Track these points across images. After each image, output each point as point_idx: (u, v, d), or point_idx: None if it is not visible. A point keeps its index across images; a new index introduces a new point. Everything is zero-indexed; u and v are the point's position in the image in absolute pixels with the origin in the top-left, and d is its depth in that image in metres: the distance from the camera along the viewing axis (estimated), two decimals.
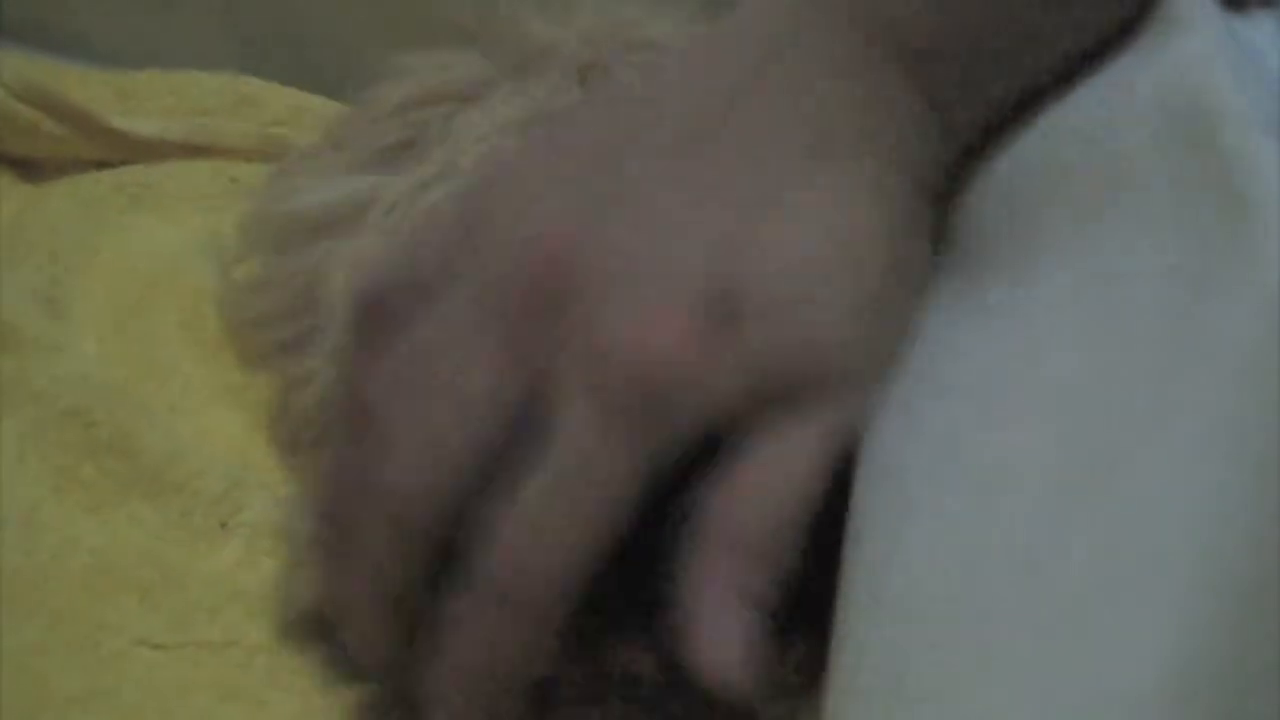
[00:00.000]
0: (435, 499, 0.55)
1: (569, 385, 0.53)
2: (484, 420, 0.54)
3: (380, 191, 0.78)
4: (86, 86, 1.03)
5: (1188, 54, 0.51)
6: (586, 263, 0.53)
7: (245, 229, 0.87)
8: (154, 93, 1.05)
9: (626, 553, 0.55)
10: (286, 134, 1.04)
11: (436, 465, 0.55)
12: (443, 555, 0.57)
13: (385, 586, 0.59)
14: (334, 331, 0.75)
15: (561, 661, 0.57)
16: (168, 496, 0.76)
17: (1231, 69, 0.49)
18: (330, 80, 1.08)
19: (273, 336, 0.82)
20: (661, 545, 0.55)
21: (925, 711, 0.44)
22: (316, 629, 0.70)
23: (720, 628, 0.51)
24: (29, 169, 0.99)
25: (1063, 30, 0.57)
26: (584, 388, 0.52)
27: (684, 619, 0.52)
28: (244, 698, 0.70)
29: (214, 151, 1.01)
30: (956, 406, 0.52)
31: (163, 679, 0.70)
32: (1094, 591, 0.41)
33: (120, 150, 0.99)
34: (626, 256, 0.53)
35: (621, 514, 0.53)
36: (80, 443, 0.77)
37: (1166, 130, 0.50)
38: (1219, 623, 0.39)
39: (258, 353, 0.83)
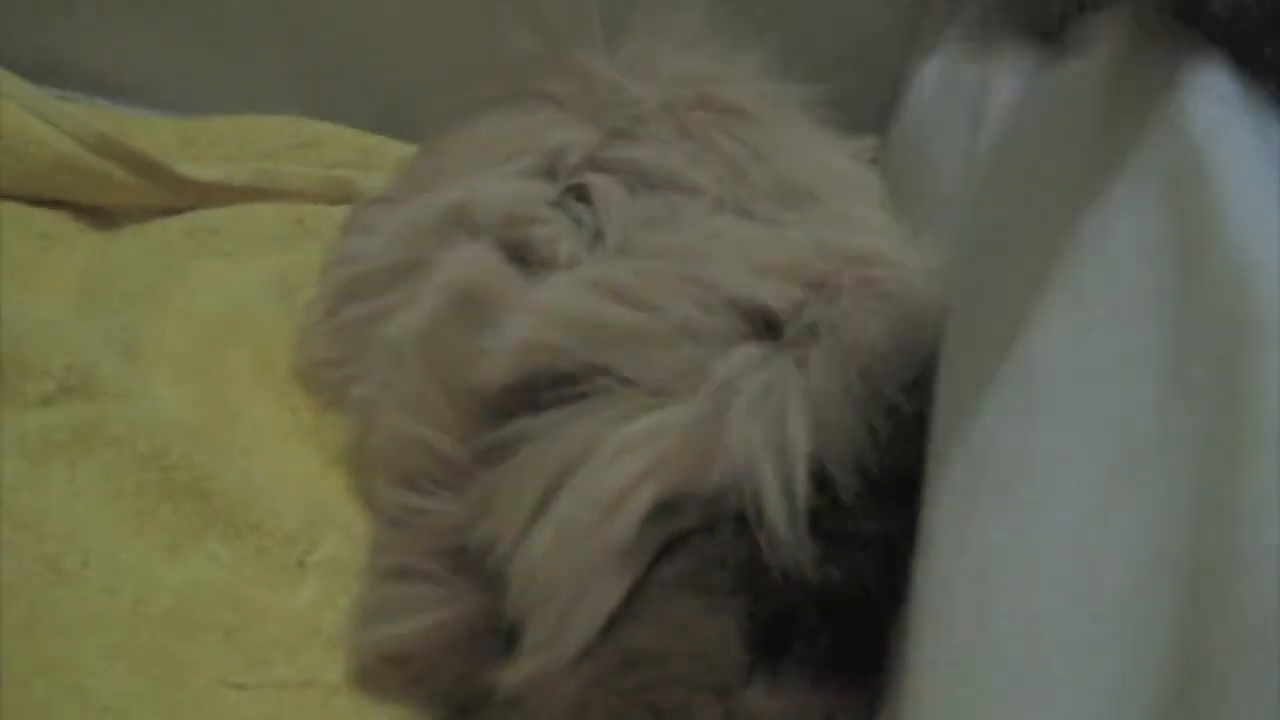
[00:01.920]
0: None
1: None
2: None
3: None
4: (151, 134, 1.05)
5: None
6: None
7: (317, 277, 0.88)
8: (218, 138, 1.07)
9: None
10: (351, 175, 1.06)
11: None
12: None
13: None
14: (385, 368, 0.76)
15: None
16: (244, 536, 0.77)
17: None
18: (394, 121, 1.09)
19: (337, 376, 0.82)
20: None
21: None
22: (394, 669, 0.70)
23: None
24: (99, 216, 1.01)
25: None
26: None
27: None
28: None
29: (279, 194, 1.03)
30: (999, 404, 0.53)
31: (245, 718, 0.70)
32: (1128, 592, 0.42)
33: (187, 196, 1.01)
34: None
35: None
36: (157, 485, 0.78)
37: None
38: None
39: (325, 392, 0.84)
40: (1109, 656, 0.41)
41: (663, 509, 0.59)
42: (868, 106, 1.02)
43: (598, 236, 0.73)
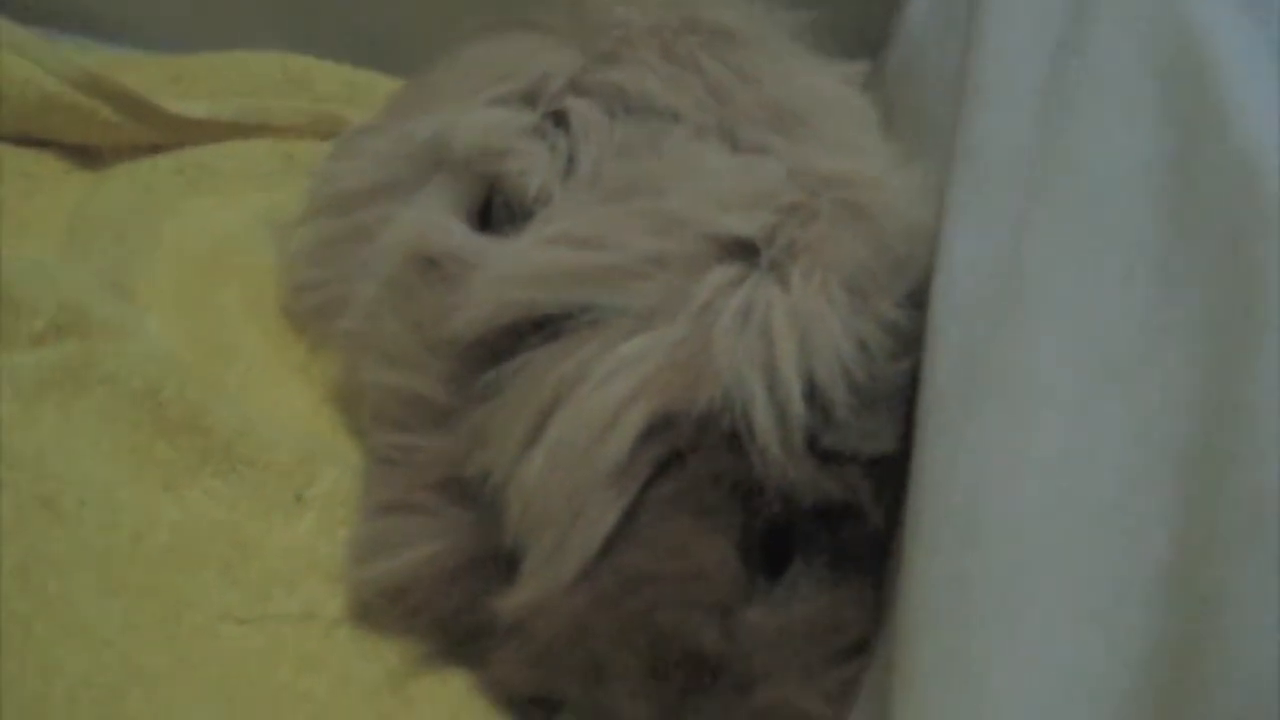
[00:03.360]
0: None
1: None
2: None
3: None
4: (139, 72, 1.04)
5: None
6: None
7: (303, 200, 0.88)
8: (205, 75, 1.06)
9: None
10: (339, 110, 1.05)
11: None
12: None
13: None
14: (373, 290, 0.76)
15: None
16: (241, 471, 0.77)
17: None
18: (382, 56, 1.08)
19: (319, 300, 0.82)
20: None
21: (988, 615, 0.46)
22: (393, 603, 0.70)
23: None
24: (86, 156, 1.00)
25: None
26: None
27: None
28: (327, 669, 0.70)
29: (268, 130, 1.02)
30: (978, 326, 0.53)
31: (245, 652, 0.71)
32: (1123, 488, 0.42)
33: (175, 133, 1.00)
34: None
35: None
36: (153, 422, 0.78)
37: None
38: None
39: (312, 323, 0.84)
40: (1104, 553, 0.41)
41: (655, 428, 0.59)
42: (860, 32, 1.01)
43: (572, 163, 0.73)
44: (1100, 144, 0.48)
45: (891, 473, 0.62)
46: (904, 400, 0.62)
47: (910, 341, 0.62)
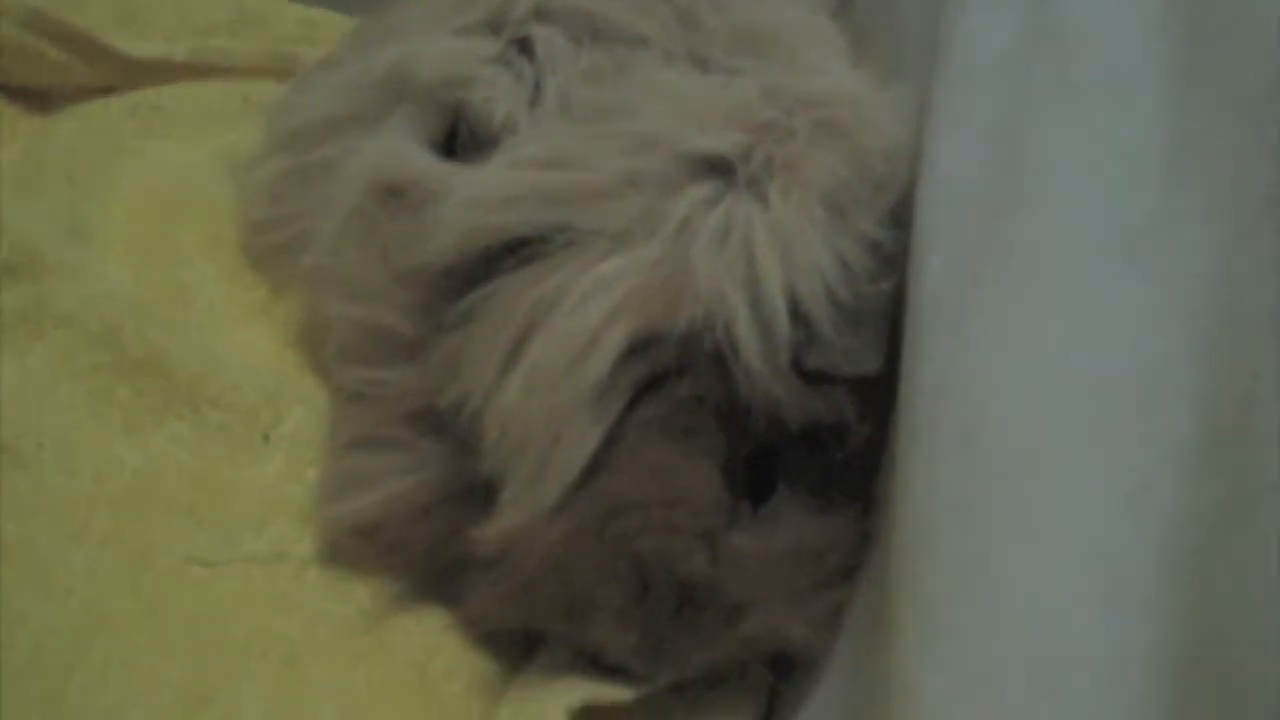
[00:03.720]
0: None
1: None
2: None
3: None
4: (86, 11, 1.00)
5: None
6: None
7: (260, 137, 0.85)
8: (156, 15, 1.03)
9: None
10: (296, 50, 1.02)
11: None
12: None
13: None
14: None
15: None
16: (205, 412, 0.75)
17: None
18: None
19: (279, 239, 0.80)
20: None
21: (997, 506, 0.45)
22: (365, 541, 0.69)
23: None
24: (34, 100, 0.97)
25: None
26: None
27: None
28: (299, 611, 0.69)
29: (223, 71, 0.99)
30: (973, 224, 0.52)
31: (215, 595, 0.69)
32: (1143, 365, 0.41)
33: (126, 75, 0.97)
34: None
35: None
36: (112, 364, 0.76)
37: None
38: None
39: (272, 262, 0.82)
40: (1125, 433, 0.40)
41: (636, 348, 0.58)
42: None
43: (538, 90, 0.71)
44: (1101, 19, 0.47)
45: (875, 396, 0.61)
46: (886, 321, 0.61)
47: (892, 261, 0.61)
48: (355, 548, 0.68)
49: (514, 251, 0.61)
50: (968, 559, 0.45)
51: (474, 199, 0.64)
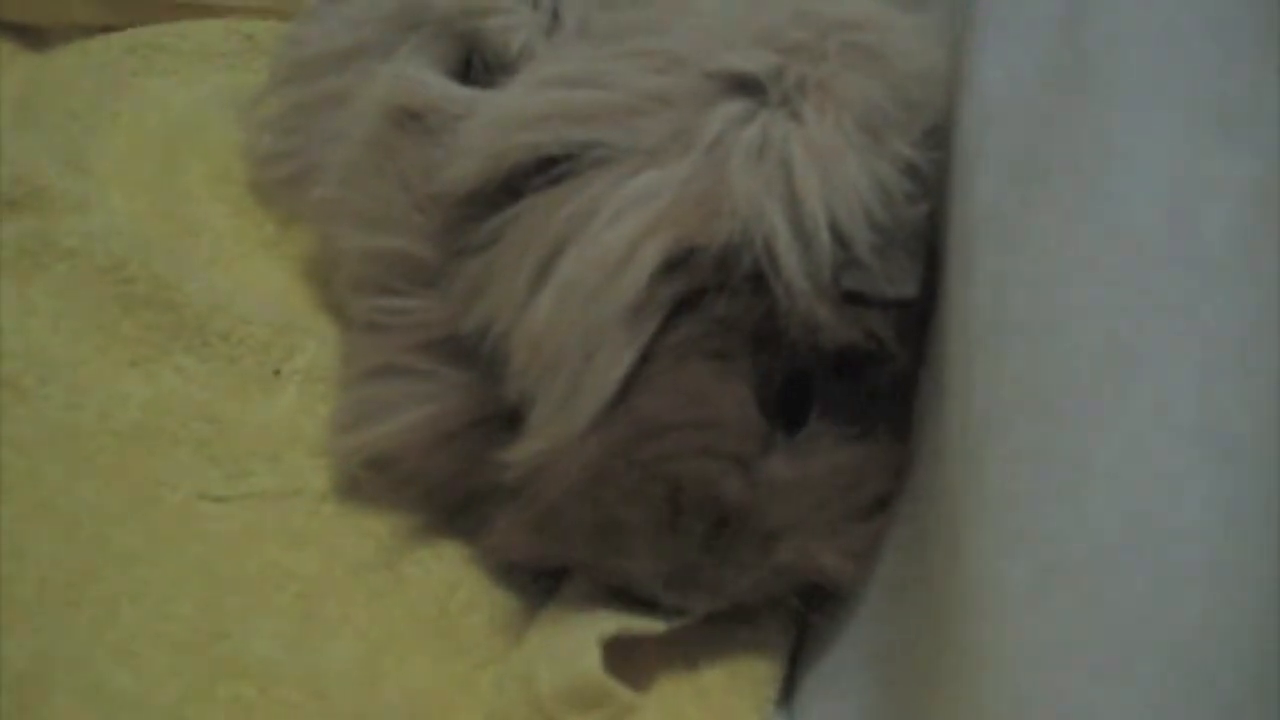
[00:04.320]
0: None
1: None
2: None
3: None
4: None
5: None
6: None
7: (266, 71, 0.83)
8: None
9: None
10: None
11: None
12: None
13: None
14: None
15: None
16: (213, 346, 0.73)
17: None
18: None
19: (288, 172, 0.78)
20: None
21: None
22: (382, 473, 0.67)
23: None
24: (31, 36, 0.95)
25: None
26: None
27: None
28: (314, 546, 0.67)
29: (224, 10, 0.96)
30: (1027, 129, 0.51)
31: (227, 530, 0.67)
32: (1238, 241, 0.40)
33: (122, 13, 0.94)
34: None
35: None
36: (118, 298, 0.74)
37: None
38: None
39: (281, 196, 0.80)
40: (1224, 304, 0.39)
41: (672, 264, 0.56)
42: None
43: (555, 19, 0.69)
44: None
45: (909, 322, 0.60)
46: (923, 246, 0.59)
47: (927, 185, 0.60)
48: (371, 481, 0.67)
49: (543, 171, 0.59)
50: (1047, 451, 0.44)
51: (499, 120, 0.62)
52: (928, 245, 0.60)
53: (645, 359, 0.56)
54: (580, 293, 0.56)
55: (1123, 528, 0.40)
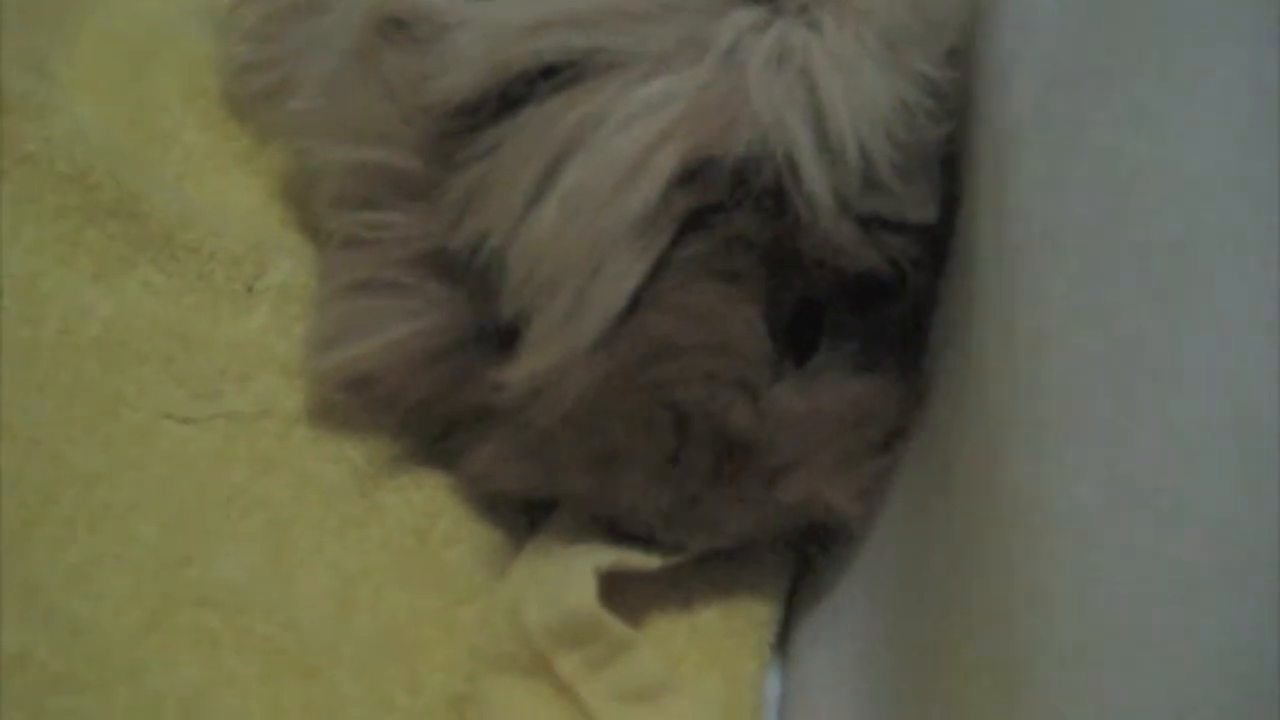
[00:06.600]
0: None
1: None
2: None
3: None
4: None
5: None
6: None
7: None
8: None
9: None
10: None
11: None
12: None
13: None
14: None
15: None
16: (182, 260, 0.69)
17: None
18: None
19: (266, 83, 0.74)
20: None
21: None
22: (360, 394, 0.63)
23: None
24: None
25: None
26: None
27: None
28: (285, 470, 0.63)
29: None
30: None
31: (193, 452, 0.64)
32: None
33: None
34: None
35: None
36: (80, 208, 0.69)
37: None
38: None
39: (259, 109, 0.75)
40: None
41: (688, 175, 0.52)
42: None
43: None
44: None
45: (924, 249, 0.57)
46: (943, 169, 0.56)
47: (949, 105, 0.56)
48: (348, 403, 0.63)
49: (545, 78, 0.56)
50: (1101, 363, 0.41)
51: (496, 27, 0.58)
52: (948, 168, 0.57)
53: (653, 276, 0.53)
54: (588, 202, 0.52)
55: (1210, 431, 0.38)
